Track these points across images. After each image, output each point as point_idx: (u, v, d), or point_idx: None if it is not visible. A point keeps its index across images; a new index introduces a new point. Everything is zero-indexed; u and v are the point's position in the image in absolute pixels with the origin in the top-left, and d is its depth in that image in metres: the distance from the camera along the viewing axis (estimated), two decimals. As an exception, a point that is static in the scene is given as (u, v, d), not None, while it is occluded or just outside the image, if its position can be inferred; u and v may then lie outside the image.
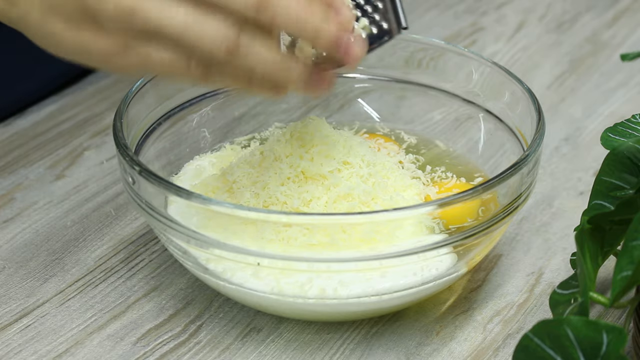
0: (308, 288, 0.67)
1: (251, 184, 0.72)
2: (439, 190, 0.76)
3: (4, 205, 0.82)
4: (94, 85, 0.98)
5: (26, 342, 0.70)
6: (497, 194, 0.69)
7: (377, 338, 0.71)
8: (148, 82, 0.77)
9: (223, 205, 0.66)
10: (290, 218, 0.67)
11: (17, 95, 0.95)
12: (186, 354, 0.69)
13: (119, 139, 0.71)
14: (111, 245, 0.79)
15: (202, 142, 0.82)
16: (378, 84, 0.86)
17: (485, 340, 0.71)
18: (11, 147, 0.89)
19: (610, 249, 0.66)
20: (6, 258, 0.77)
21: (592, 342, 0.56)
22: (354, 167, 0.72)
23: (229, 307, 0.73)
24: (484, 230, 0.68)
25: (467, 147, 0.82)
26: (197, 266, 0.69)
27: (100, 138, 0.91)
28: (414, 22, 1.12)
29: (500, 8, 1.15)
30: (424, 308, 0.73)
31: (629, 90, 1.00)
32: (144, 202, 0.69)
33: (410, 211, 0.67)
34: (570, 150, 0.91)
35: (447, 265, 0.69)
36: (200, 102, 0.82)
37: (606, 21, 1.13)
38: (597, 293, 0.63)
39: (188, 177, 0.78)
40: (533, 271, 0.77)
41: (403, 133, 0.84)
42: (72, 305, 0.73)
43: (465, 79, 0.82)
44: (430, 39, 0.84)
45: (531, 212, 0.83)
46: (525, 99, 0.76)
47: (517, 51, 1.07)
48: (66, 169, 0.87)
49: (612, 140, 0.70)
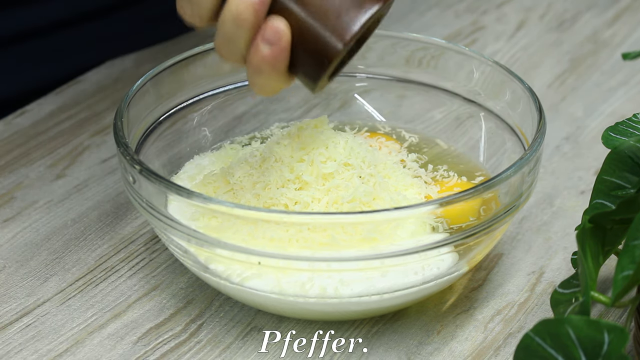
0: (309, 287, 0.67)
1: (252, 185, 0.72)
2: (440, 189, 0.76)
3: (4, 204, 0.82)
4: (95, 84, 0.98)
5: (27, 342, 0.70)
6: (498, 193, 0.69)
7: (378, 337, 0.71)
8: (149, 82, 0.77)
9: (224, 205, 0.66)
10: (292, 217, 0.67)
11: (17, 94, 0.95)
12: (187, 353, 0.69)
13: (120, 138, 0.71)
14: (111, 245, 0.78)
15: (203, 141, 0.82)
16: (379, 83, 0.86)
17: (486, 340, 0.71)
18: (11, 146, 0.89)
19: (612, 248, 0.66)
20: (6, 257, 0.77)
21: (594, 341, 0.55)
22: (355, 168, 0.71)
23: (229, 307, 0.73)
24: (485, 230, 0.68)
25: (468, 146, 0.82)
26: (198, 265, 0.69)
27: (100, 137, 0.90)
28: (414, 21, 1.12)
29: (500, 7, 1.15)
30: (425, 307, 0.73)
31: (630, 89, 1.00)
32: (144, 201, 0.69)
33: (410, 210, 0.67)
34: (571, 149, 0.91)
35: (448, 265, 0.69)
36: (200, 101, 0.82)
37: (607, 20, 1.13)
38: (598, 292, 0.63)
39: (188, 176, 0.78)
40: (534, 270, 0.77)
41: (404, 132, 0.84)
42: (72, 304, 0.73)
43: (466, 78, 0.82)
44: (431, 38, 0.84)
45: (532, 211, 0.82)
46: (526, 97, 0.76)
47: (517, 50, 1.07)
48: (66, 168, 0.87)
49: (613, 139, 0.70)
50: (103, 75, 0.99)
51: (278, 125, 0.85)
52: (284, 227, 0.67)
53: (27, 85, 0.97)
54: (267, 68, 0.64)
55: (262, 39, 0.63)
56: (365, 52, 0.85)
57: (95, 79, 0.99)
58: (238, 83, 0.84)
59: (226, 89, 0.83)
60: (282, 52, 0.64)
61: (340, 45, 0.63)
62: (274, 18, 0.63)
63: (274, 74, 0.64)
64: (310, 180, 0.70)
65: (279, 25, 0.63)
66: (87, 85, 0.98)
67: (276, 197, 0.70)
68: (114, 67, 1.00)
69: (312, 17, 0.63)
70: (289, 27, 0.64)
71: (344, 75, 0.86)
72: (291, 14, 0.64)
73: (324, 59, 0.64)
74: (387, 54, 0.84)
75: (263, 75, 0.65)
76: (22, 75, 0.97)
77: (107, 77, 0.99)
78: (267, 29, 0.63)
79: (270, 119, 0.86)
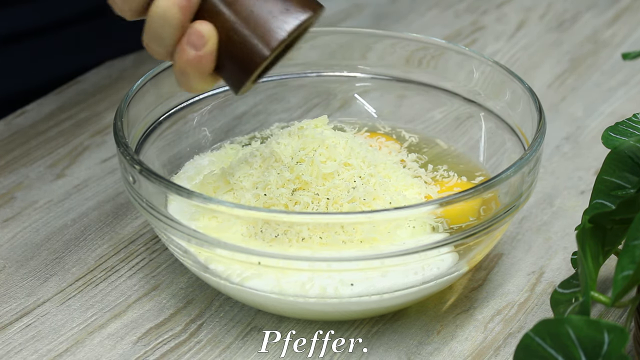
0: (309, 287, 0.67)
1: (252, 185, 0.72)
2: (440, 189, 0.76)
3: (4, 204, 0.82)
4: (95, 85, 0.98)
5: (27, 342, 0.70)
6: (498, 193, 0.69)
7: (378, 337, 0.71)
8: (148, 82, 0.77)
9: (224, 205, 0.66)
10: (292, 217, 0.67)
11: (17, 94, 0.95)
12: (186, 353, 0.69)
13: (120, 138, 0.71)
14: (111, 245, 0.78)
15: (203, 141, 0.82)
16: (379, 82, 0.86)
17: (486, 340, 0.71)
18: (12, 146, 0.89)
19: (612, 248, 0.66)
20: (6, 257, 0.77)
21: (594, 341, 0.55)
22: (355, 168, 0.71)
23: (229, 307, 0.73)
24: (485, 230, 0.68)
25: (468, 146, 0.82)
26: (198, 265, 0.69)
27: (100, 137, 0.91)
28: (414, 21, 1.12)
29: (500, 7, 1.15)
30: (425, 307, 0.73)
31: (629, 89, 1.00)
32: (144, 201, 0.69)
33: (410, 210, 0.67)
34: (571, 149, 0.91)
35: (448, 265, 0.69)
36: (200, 101, 0.82)
37: (607, 20, 1.13)
38: (598, 292, 0.63)
39: (188, 176, 0.78)
40: (534, 270, 0.77)
41: (404, 132, 0.84)
42: (72, 304, 0.73)
43: (465, 77, 0.82)
44: (431, 38, 0.84)
45: (532, 211, 0.82)
46: (526, 97, 0.76)
47: (517, 50, 1.07)
48: (66, 168, 0.87)
49: (613, 139, 0.70)
50: (103, 75, 0.99)
51: (278, 125, 0.85)
52: (284, 227, 0.67)
53: (27, 85, 0.96)
54: (192, 70, 0.65)
55: (187, 42, 0.64)
56: (366, 52, 0.85)
57: (95, 79, 0.99)
58: (238, 83, 0.84)
59: (226, 89, 0.83)
60: (206, 56, 0.64)
61: (267, 51, 0.64)
62: (200, 22, 0.64)
63: (199, 75, 0.65)
64: (310, 180, 0.70)
65: (204, 30, 0.64)
66: (87, 85, 0.98)
67: (276, 197, 0.70)
68: (114, 67, 1.01)
69: (241, 22, 0.64)
70: (216, 31, 0.64)
71: (344, 75, 0.86)
72: (220, 17, 0.64)
73: (249, 64, 0.65)
74: (387, 54, 0.84)
75: (187, 77, 0.65)
76: (22, 75, 0.97)
77: (107, 77, 0.99)
78: (192, 33, 0.64)
79: (270, 119, 0.86)
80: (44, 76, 0.97)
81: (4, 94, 0.96)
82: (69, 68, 0.99)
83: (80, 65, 0.99)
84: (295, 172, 0.71)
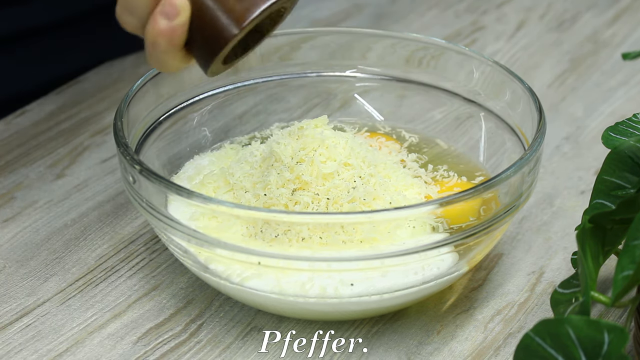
0: (309, 287, 0.67)
1: (252, 185, 0.72)
2: (440, 189, 0.76)
3: (4, 204, 0.82)
4: (95, 85, 0.98)
5: (27, 342, 0.70)
6: (498, 193, 0.69)
7: (378, 337, 0.71)
8: (149, 82, 0.77)
9: (224, 205, 0.66)
10: (292, 217, 0.67)
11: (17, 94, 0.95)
12: (187, 353, 0.69)
13: (120, 138, 0.71)
14: (111, 245, 0.78)
15: (203, 141, 0.82)
16: (379, 82, 0.86)
17: (486, 340, 0.71)
18: (11, 146, 0.89)
19: (612, 248, 0.66)
20: (6, 257, 0.77)
21: (594, 341, 0.55)
22: (355, 168, 0.71)
23: (229, 307, 0.73)
24: (485, 230, 0.68)
25: (468, 146, 0.82)
26: (198, 265, 0.69)
27: (100, 137, 0.91)
28: (414, 21, 1.12)
29: (500, 7, 1.15)
30: (425, 307, 0.73)
31: (629, 89, 1.00)
32: (144, 201, 0.69)
33: (410, 210, 0.67)
34: (571, 149, 0.91)
35: (448, 265, 0.69)
36: (200, 101, 0.82)
37: (607, 20, 1.13)
38: (598, 292, 0.63)
39: (188, 176, 0.78)
40: (534, 270, 0.77)
41: (404, 132, 0.84)
42: (72, 304, 0.73)
43: (465, 78, 0.82)
44: (431, 38, 0.84)
45: (532, 211, 0.82)
46: (526, 97, 0.76)
47: (517, 50, 1.07)
48: (66, 168, 0.87)
49: (613, 139, 0.70)
50: (103, 75, 0.99)
51: (278, 125, 0.85)
52: (284, 227, 0.67)
53: (27, 85, 0.96)
54: (163, 42, 0.65)
55: (160, 12, 0.64)
56: (366, 52, 0.85)
57: (95, 79, 0.99)
58: (238, 83, 0.84)
59: (226, 89, 0.83)
60: (179, 28, 0.64)
61: (236, 29, 0.64)
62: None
63: (170, 48, 0.65)
64: (310, 180, 0.70)
65: (177, 1, 0.64)
66: (87, 85, 0.98)
67: (276, 197, 0.70)
68: (113, 67, 1.01)
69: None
70: (190, 4, 0.64)
71: (344, 75, 0.86)
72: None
73: (219, 42, 0.65)
74: (387, 54, 0.84)
75: (159, 49, 0.65)
76: (22, 75, 0.97)
77: (107, 77, 0.99)
78: (166, 4, 0.64)
79: (270, 119, 0.86)
80: (44, 76, 0.97)
81: (4, 94, 0.96)
82: (69, 68, 0.99)
83: (80, 65, 0.99)
84: (295, 172, 0.71)
